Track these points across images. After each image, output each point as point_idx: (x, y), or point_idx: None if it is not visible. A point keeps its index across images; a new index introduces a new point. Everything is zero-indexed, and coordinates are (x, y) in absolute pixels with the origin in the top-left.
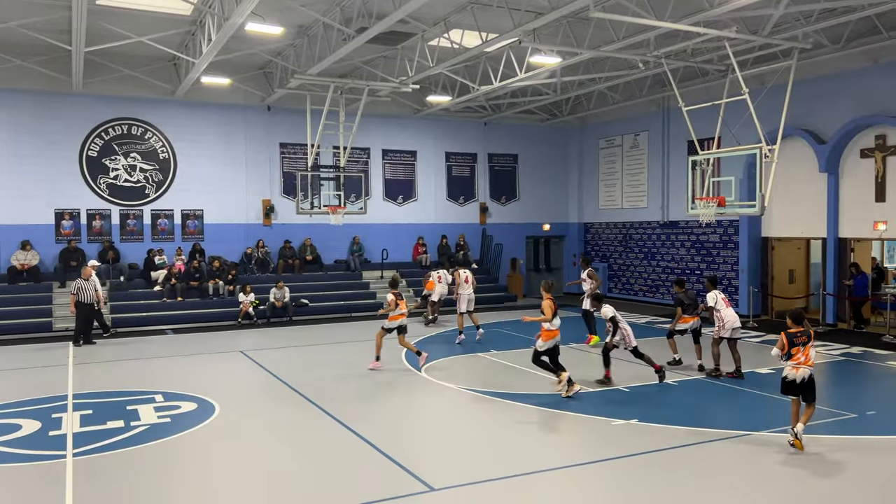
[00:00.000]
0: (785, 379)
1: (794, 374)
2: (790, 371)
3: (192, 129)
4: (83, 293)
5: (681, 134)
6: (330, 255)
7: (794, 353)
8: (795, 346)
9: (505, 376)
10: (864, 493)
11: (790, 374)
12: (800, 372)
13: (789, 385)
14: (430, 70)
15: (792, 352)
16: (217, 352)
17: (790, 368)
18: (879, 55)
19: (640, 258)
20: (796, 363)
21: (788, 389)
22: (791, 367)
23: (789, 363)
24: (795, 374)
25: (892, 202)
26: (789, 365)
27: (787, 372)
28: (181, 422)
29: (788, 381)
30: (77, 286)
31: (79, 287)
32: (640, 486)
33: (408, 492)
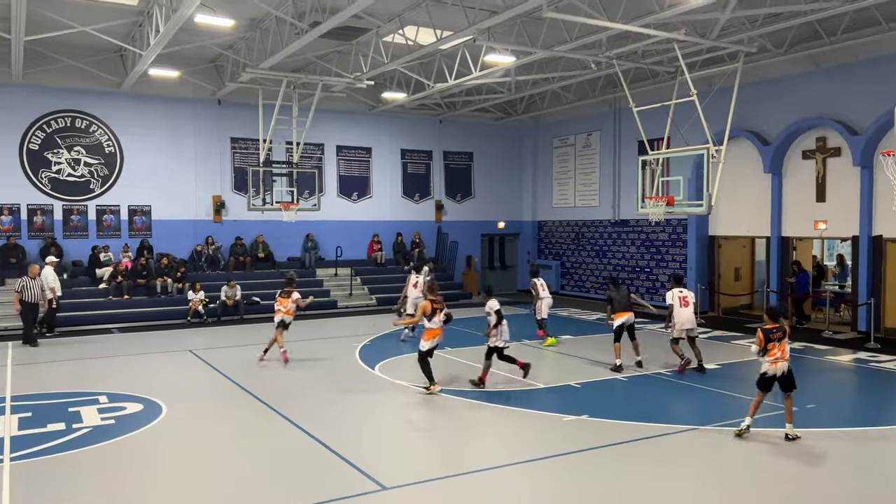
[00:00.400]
0: (765, 374)
1: (773, 370)
2: (769, 367)
3: (139, 123)
4: (27, 292)
5: (632, 134)
6: (283, 253)
7: (771, 348)
8: (772, 342)
9: (458, 373)
10: (809, 480)
11: (770, 370)
12: (779, 366)
13: (768, 380)
14: (384, 66)
15: (769, 347)
16: (165, 351)
17: (769, 364)
18: (821, 60)
19: (592, 256)
20: (774, 358)
21: (766, 384)
22: (769, 362)
23: (767, 359)
24: (775, 369)
25: (832, 202)
26: (767, 361)
27: (767, 367)
28: (126, 423)
29: (768, 376)
30: (21, 284)
31: (23, 286)
32: (593, 480)
33: (360, 491)
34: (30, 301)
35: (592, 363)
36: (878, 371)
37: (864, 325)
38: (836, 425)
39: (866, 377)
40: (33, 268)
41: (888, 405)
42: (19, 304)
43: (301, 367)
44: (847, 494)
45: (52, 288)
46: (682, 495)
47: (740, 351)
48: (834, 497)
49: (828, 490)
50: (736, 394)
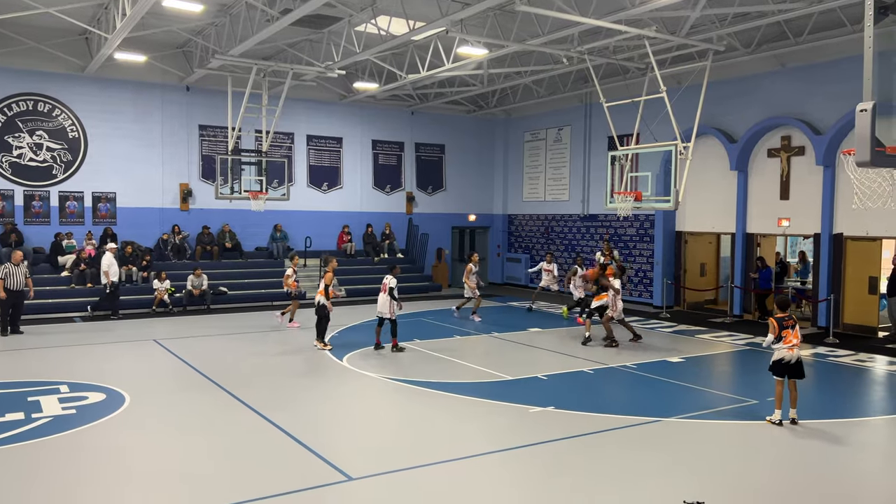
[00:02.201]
0: (781, 361)
1: (790, 356)
2: (786, 353)
3: (104, 108)
4: (11, 279)
5: (602, 129)
6: (250, 243)
7: (786, 335)
8: (785, 329)
9: (426, 365)
10: (771, 471)
11: (787, 356)
12: (795, 352)
13: (784, 366)
14: (356, 56)
15: (783, 334)
16: (129, 340)
17: (786, 350)
18: (787, 60)
19: (562, 250)
20: (791, 344)
21: (782, 370)
22: (786, 349)
23: (783, 345)
24: (791, 355)
25: (796, 200)
26: (784, 347)
27: (784, 354)
28: (87, 413)
29: (784, 362)
30: (5, 271)
31: (6, 272)
32: (558, 472)
33: (325, 482)
34: (13, 288)
35: (559, 355)
36: (836, 365)
37: (823, 320)
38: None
39: (825, 372)
40: (16, 254)
41: (845, 399)
42: (3, 291)
43: (268, 357)
44: (802, 479)
45: (107, 272)
46: (646, 483)
47: (704, 345)
48: (794, 481)
49: (789, 479)
50: (699, 387)
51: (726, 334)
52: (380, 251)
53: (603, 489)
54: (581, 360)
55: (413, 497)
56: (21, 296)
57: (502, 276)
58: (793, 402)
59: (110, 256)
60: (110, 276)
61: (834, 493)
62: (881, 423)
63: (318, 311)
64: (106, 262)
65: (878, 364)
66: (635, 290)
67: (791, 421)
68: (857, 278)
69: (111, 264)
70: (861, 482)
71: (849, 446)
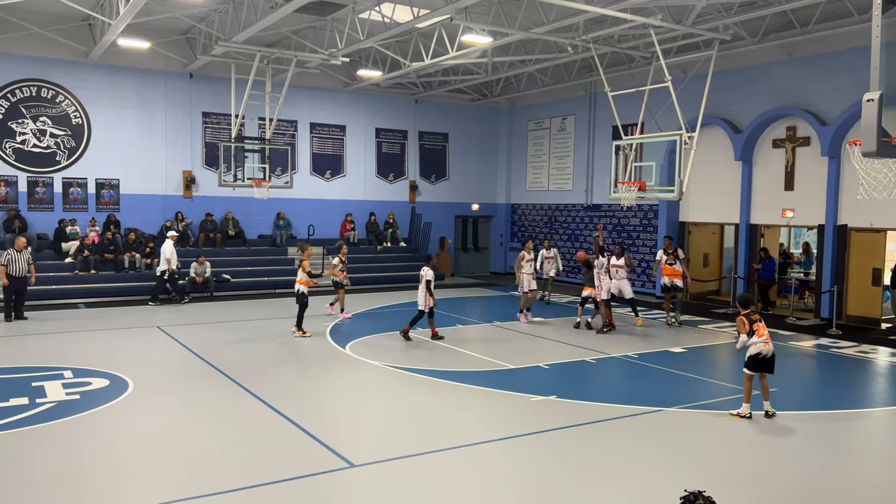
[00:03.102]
0: (758, 356)
1: (767, 350)
2: (763, 347)
3: (107, 94)
4: (13, 265)
5: (606, 119)
6: (253, 230)
7: (757, 329)
8: (756, 323)
9: (429, 354)
10: (771, 462)
11: (764, 350)
12: (770, 346)
13: (762, 361)
14: (360, 43)
15: (755, 329)
16: (133, 327)
17: (762, 345)
18: (793, 49)
19: (564, 239)
20: (765, 338)
21: (759, 366)
22: (762, 342)
23: (758, 340)
24: (768, 350)
25: (800, 191)
26: (760, 341)
27: (761, 348)
28: (91, 399)
29: (762, 356)
30: (7, 257)
31: (9, 258)
32: (560, 460)
33: (328, 468)
34: (15, 275)
35: (561, 344)
36: (839, 357)
37: (826, 312)
38: (797, 409)
39: (827, 363)
40: (19, 240)
41: (847, 390)
42: (6, 277)
43: (271, 345)
44: (805, 472)
45: (168, 259)
46: (646, 473)
47: (707, 335)
48: (794, 474)
49: (788, 468)
50: (702, 377)
51: (729, 325)
52: (383, 240)
53: (603, 478)
54: (583, 350)
55: (414, 484)
56: (23, 282)
57: (505, 265)
58: (765, 394)
59: (171, 244)
60: (172, 263)
61: (834, 482)
62: (884, 414)
63: (298, 299)
64: (168, 250)
65: (880, 356)
66: (638, 280)
67: (765, 414)
68: (861, 270)
69: (173, 252)
70: (859, 475)
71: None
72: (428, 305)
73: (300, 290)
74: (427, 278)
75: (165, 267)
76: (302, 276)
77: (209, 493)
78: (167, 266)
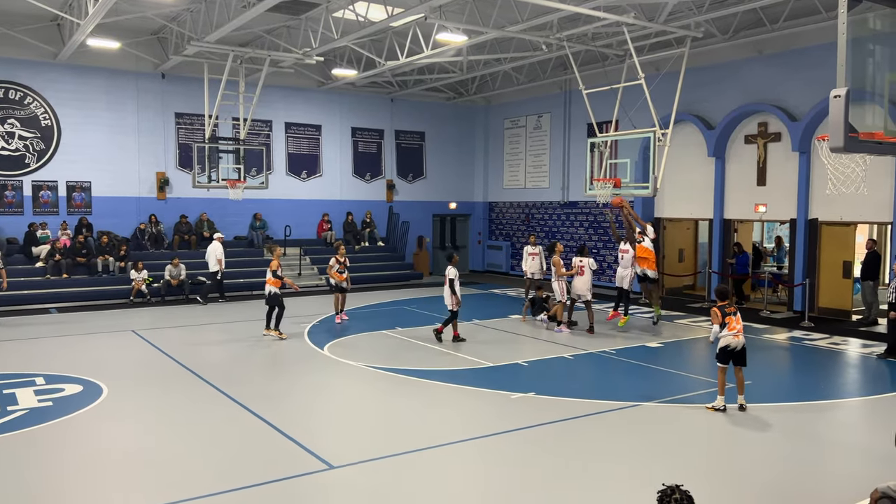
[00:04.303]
0: (727, 348)
1: (736, 342)
2: (732, 339)
3: (77, 96)
4: None
5: (581, 116)
6: (229, 232)
7: (729, 321)
8: (728, 316)
9: (408, 353)
10: (746, 454)
11: (732, 342)
12: (740, 339)
13: (730, 353)
14: (334, 42)
15: (727, 321)
16: (107, 331)
17: (732, 337)
18: (763, 46)
19: (542, 237)
20: (736, 331)
21: (727, 357)
22: (732, 336)
23: (728, 333)
24: (737, 342)
25: (772, 186)
26: (730, 335)
27: (730, 341)
28: (64, 405)
29: (730, 349)
30: None
31: None
32: (539, 457)
33: (306, 470)
34: None
35: (540, 342)
36: (811, 348)
37: (799, 304)
38: (771, 400)
39: (800, 354)
40: None
41: (820, 381)
42: None
43: (248, 347)
44: (780, 464)
45: (220, 260)
46: (624, 467)
47: (683, 329)
48: (769, 466)
49: (763, 460)
50: (678, 371)
51: (704, 319)
52: (360, 239)
53: (582, 474)
54: (561, 346)
55: (394, 484)
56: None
57: (483, 263)
58: (740, 388)
59: (218, 244)
60: (223, 263)
61: (807, 473)
62: (855, 404)
63: (269, 300)
64: (219, 251)
65: (851, 347)
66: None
67: (739, 407)
68: (832, 263)
69: (222, 252)
70: (831, 466)
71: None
72: (453, 304)
73: (270, 292)
74: (450, 277)
75: (218, 267)
76: (269, 276)
77: (186, 499)
78: (219, 266)
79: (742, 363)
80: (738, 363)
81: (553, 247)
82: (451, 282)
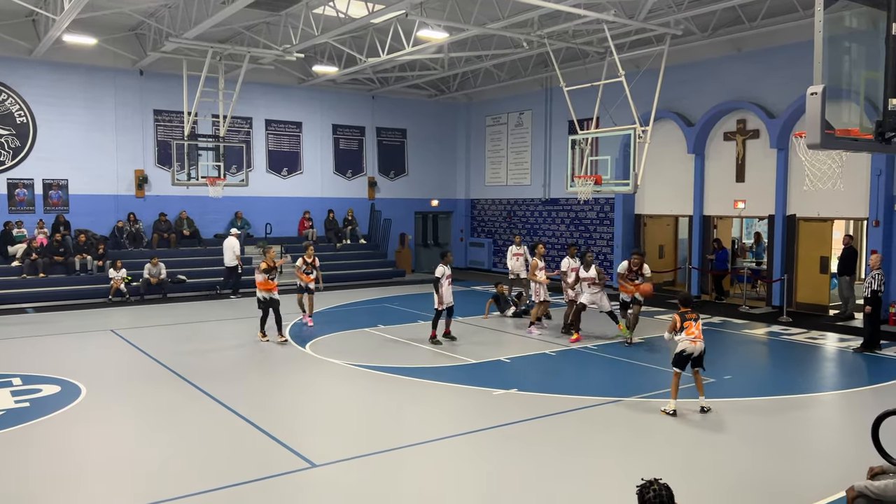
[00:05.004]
0: (683, 353)
1: (693, 348)
2: (689, 345)
3: (54, 92)
4: None
5: (562, 114)
6: (209, 230)
7: (688, 326)
8: (687, 321)
9: (390, 350)
10: (727, 448)
11: (689, 348)
12: (698, 345)
13: (686, 358)
14: (315, 39)
15: (685, 325)
16: (85, 331)
17: (689, 342)
18: (742, 44)
19: (524, 234)
20: (693, 336)
21: (684, 363)
22: (689, 341)
23: (686, 337)
24: (695, 348)
25: (751, 182)
26: (687, 339)
27: (686, 346)
28: (42, 406)
29: (686, 353)
30: None
31: None
32: (521, 453)
33: (288, 469)
34: None
35: (522, 338)
36: (789, 343)
37: (777, 300)
38: (750, 395)
39: (779, 349)
40: None
41: (798, 375)
42: None
43: (228, 346)
44: (757, 454)
45: (238, 255)
46: (604, 462)
47: (663, 325)
48: (748, 457)
49: (742, 452)
50: (657, 366)
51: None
52: (342, 237)
53: (564, 469)
54: (543, 343)
55: (377, 482)
56: None
57: (465, 260)
58: (700, 390)
59: (234, 239)
60: (240, 259)
61: (782, 467)
62: (832, 398)
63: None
64: (236, 247)
65: (828, 341)
66: None
67: (701, 409)
68: (810, 258)
69: (238, 247)
70: (806, 459)
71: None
72: (439, 305)
73: (262, 297)
74: (436, 275)
75: (236, 262)
76: (258, 278)
77: (167, 499)
78: (237, 261)
79: (700, 366)
80: (695, 366)
81: (534, 248)
82: (436, 280)
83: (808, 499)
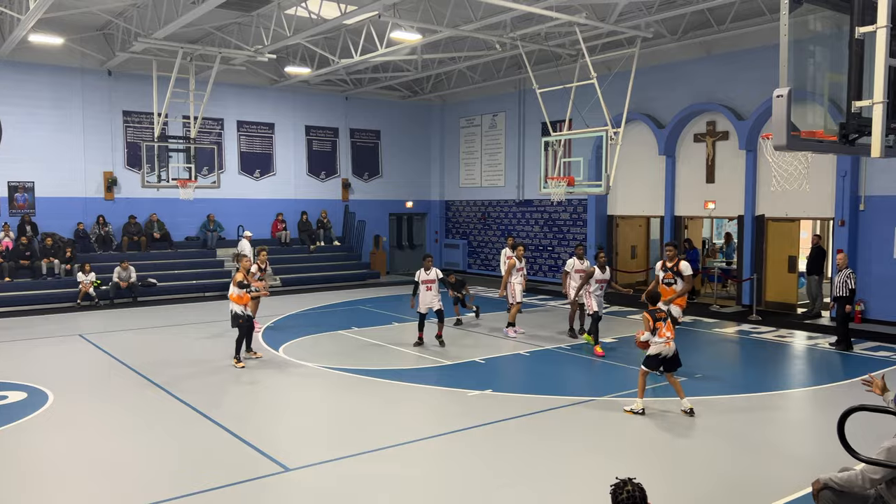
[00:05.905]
0: (658, 356)
1: (667, 350)
2: (664, 347)
3: (19, 93)
4: None
5: (535, 115)
6: (180, 232)
7: (659, 327)
8: (658, 321)
9: (364, 352)
10: (699, 446)
11: (664, 351)
12: (671, 346)
13: (660, 360)
14: (287, 40)
15: (657, 326)
16: (52, 336)
17: (663, 345)
18: (711, 47)
19: (498, 235)
20: (666, 338)
21: (656, 364)
22: (662, 343)
23: (659, 339)
24: (669, 350)
25: (720, 183)
26: (660, 341)
27: (661, 349)
28: (7, 413)
29: (662, 357)
30: None
31: None
32: (496, 453)
33: (261, 474)
34: None
35: (496, 339)
36: (758, 341)
37: (747, 298)
38: (721, 393)
39: (748, 347)
40: None
41: (767, 373)
42: None
43: (201, 349)
44: (730, 452)
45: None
46: (580, 461)
47: (636, 325)
48: (722, 455)
49: (716, 450)
50: (630, 365)
51: None
52: (316, 239)
53: (539, 469)
54: (517, 343)
55: (352, 485)
56: None
57: (441, 262)
58: (679, 393)
59: (246, 242)
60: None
61: (755, 462)
62: (801, 394)
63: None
64: (248, 249)
65: (796, 339)
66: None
67: (683, 411)
68: (778, 258)
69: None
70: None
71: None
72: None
73: (234, 311)
74: (415, 279)
75: None
76: (233, 291)
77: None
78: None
79: (673, 369)
80: (669, 370)
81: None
82: (414, 285)
83: (779, 494)
